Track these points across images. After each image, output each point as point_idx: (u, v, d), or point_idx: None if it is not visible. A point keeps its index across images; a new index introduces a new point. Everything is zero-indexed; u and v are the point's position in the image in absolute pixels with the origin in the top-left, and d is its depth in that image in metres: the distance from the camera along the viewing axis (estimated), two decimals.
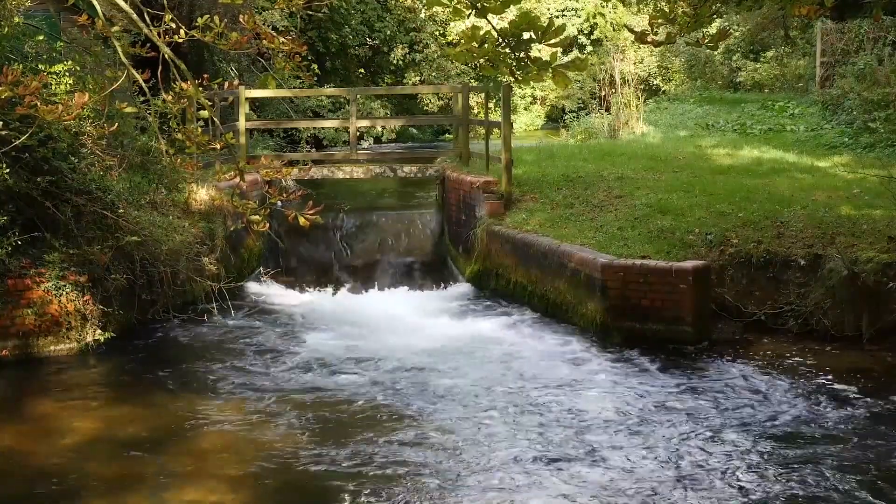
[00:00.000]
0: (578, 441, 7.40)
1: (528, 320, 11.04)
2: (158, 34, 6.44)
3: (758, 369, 8.96)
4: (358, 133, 18.19)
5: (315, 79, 22.91)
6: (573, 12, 36.87)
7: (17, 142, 6.68)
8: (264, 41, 6.52)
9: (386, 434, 7.62)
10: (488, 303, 12.14)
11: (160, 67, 6.92)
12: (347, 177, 15.83)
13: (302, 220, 6.35)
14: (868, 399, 8.14)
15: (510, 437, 7.54)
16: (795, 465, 6.84)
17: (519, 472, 6.86)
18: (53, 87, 10.20)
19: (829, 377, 8.68)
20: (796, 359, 9.22)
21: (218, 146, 6.93)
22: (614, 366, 9.31)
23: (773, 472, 6.78)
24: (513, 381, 8.95)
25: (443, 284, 13.38)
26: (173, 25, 6.51)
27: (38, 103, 5.33)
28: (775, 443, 7.27)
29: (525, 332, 10.64)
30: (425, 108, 32.74)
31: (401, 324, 11.20)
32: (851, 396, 8.22)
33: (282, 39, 6.52)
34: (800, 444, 7.23)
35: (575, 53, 33.75)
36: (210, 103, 7.26)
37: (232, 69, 22.94)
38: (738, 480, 6.65)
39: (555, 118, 35.15)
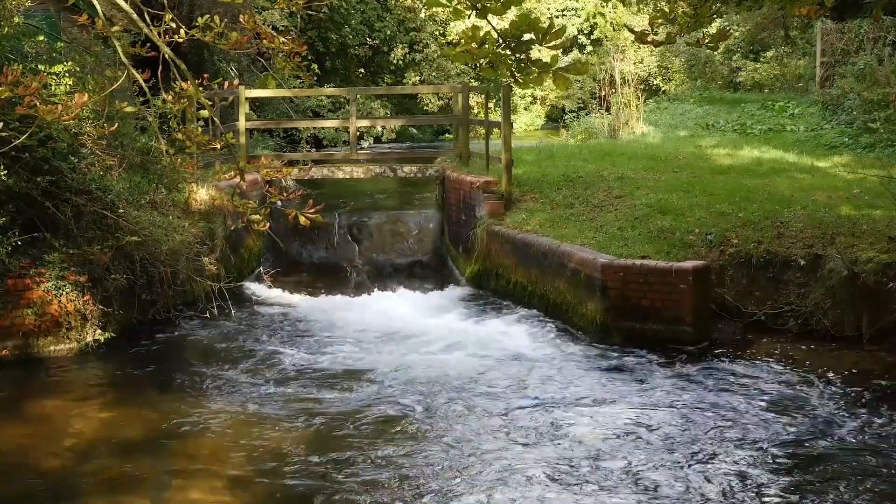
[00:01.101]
0: (579, 448, 7.37)
1: (529, 321, 11.02)
2: (158, 34, 6.44)
3: (758, 370, 8.95)
4: (358, 133, 18.17)
5: (315, 79, 22.91)
6: (573, 12, 36.88)
7: (17, 142, 6.67)
8: (264, 41, 6.53)
9: (386, 440, 7.59)
10: (488, 303, 12.13)
11: (160, 67, 6.92)
12: (347, 177, 15.83)
13: (303, 219, 6.35)
14: (869, 400, 8.13)
15: (511, 443, 7.50)
16: (802, 471, 6.83)
17: (520, 481, 6.79)
18: (53, 88, 10.19)
19: (830, 378, 8.67)
20: (796, 359, 9.21)
21: (218, 146, 6.93)
22: (614, 366, 9.30)
23: (780, 477, 6.77)
24: (514, 384, 8.92)
25: (443, 285, 13.37)
26: (173, 25, 6.51)
27: (38, 103, 5.32)
28: (779, 446, 7.25)
29: (525, 333, 10.61)
30: (425, 108, 32.73)
31: (401, 325, 11.18)
32: (853, 397, 8.21)
33: (282, 39, 6.52)
34: (805, 448, 7.21)
35: (575, 54, 33.76)
36: (210, 103, 7.26)
37: (232, 69, 22.93)
38: (744, 488, 6.64)
39: (555, 118, 35.14)
